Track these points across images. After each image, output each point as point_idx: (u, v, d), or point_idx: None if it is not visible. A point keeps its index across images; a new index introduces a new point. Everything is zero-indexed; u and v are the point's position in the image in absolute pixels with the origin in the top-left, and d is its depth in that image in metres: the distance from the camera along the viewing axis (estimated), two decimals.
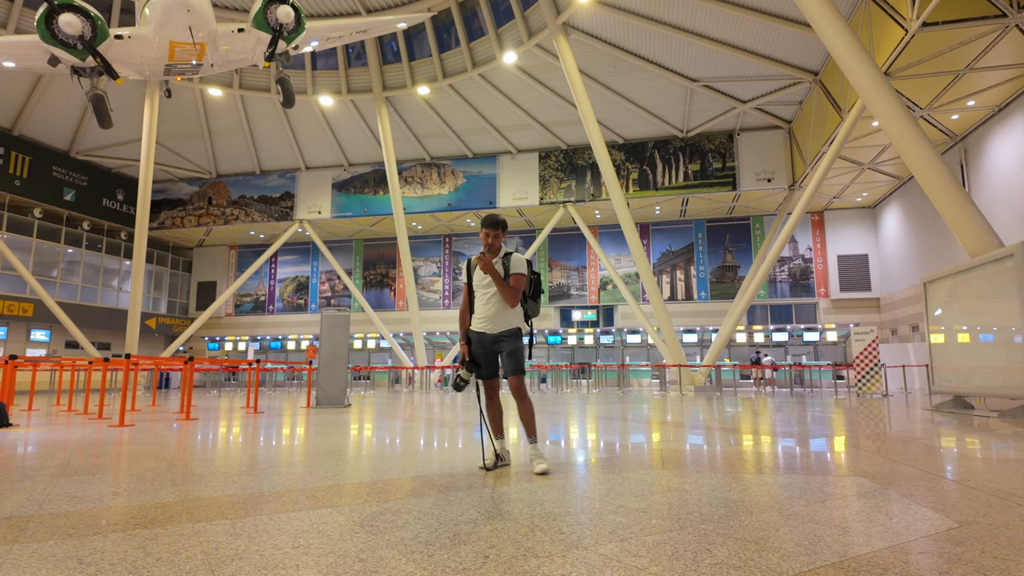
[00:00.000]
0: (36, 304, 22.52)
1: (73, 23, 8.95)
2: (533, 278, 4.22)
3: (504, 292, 4.00)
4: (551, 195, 23.96)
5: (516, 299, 4.02)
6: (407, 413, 10.09)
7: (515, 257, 4.09)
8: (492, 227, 4.08)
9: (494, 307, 4.06)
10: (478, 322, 4.10)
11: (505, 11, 18.78)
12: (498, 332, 4.05)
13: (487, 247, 4.09)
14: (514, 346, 4.06)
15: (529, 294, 4.20)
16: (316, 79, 22.14)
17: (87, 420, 8.68)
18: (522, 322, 4.14)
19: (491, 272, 3.99)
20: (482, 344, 4.09)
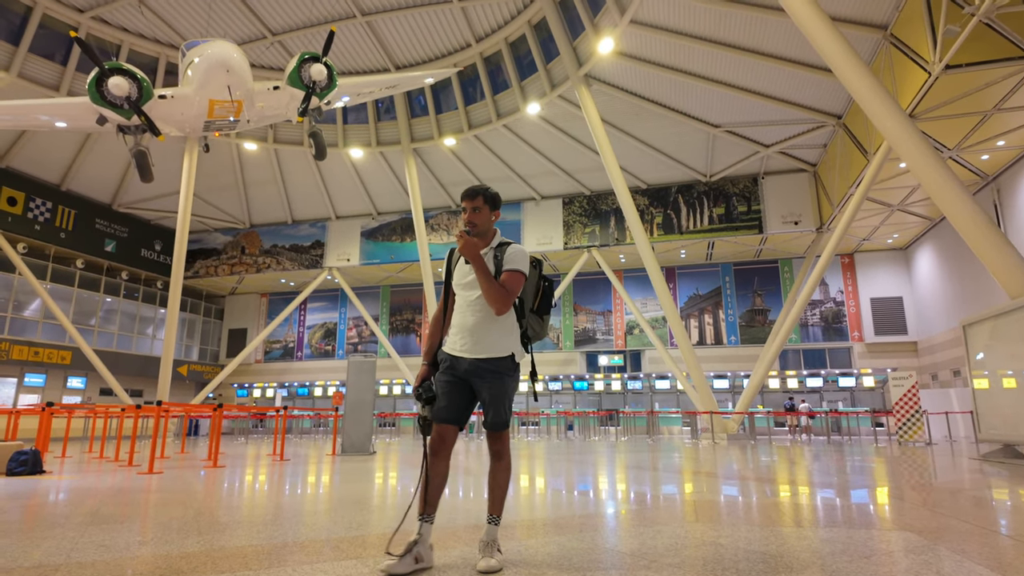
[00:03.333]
0: (74, 352, 23.14)
1: (121, 85, 9.50)
2: (543, 285, 3.01)
3: (489, 290, 2.74)
4: (575, 240, 24.10)
5: (506, 304, 2.75)
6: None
7: (514, 249, 2.90)
8: (470, 197, 2.95)
9: (474, 317, 2.84)
10: (453, 339, 2.88)
11: (528, 65, 19.38)
12: (479, 358, 2.79)
13: (468, 227, 2.93)
14: (500, 387, 2.80)
15: (533, 307, 2.98)
16: (347, 132, 22.96)
17: (118, 467, 8.76)
18: (518, 346, 2.89)
19: (472, 256, 2.75)
20: (454, 373, 2.83)
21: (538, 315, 3.02)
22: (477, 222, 2.93)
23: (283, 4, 17.66)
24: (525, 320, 2.98)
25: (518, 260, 2.86)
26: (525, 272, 2.87)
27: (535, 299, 3.02)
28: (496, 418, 2.83)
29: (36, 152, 21.42)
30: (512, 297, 2.78)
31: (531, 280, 2.98)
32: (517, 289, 2.82)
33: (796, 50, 15.32)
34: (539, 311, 3.02)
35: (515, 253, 2.89)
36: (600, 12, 16.37)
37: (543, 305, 3.03)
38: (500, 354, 2.82)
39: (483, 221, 2.94)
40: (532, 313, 3.01)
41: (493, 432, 2.86)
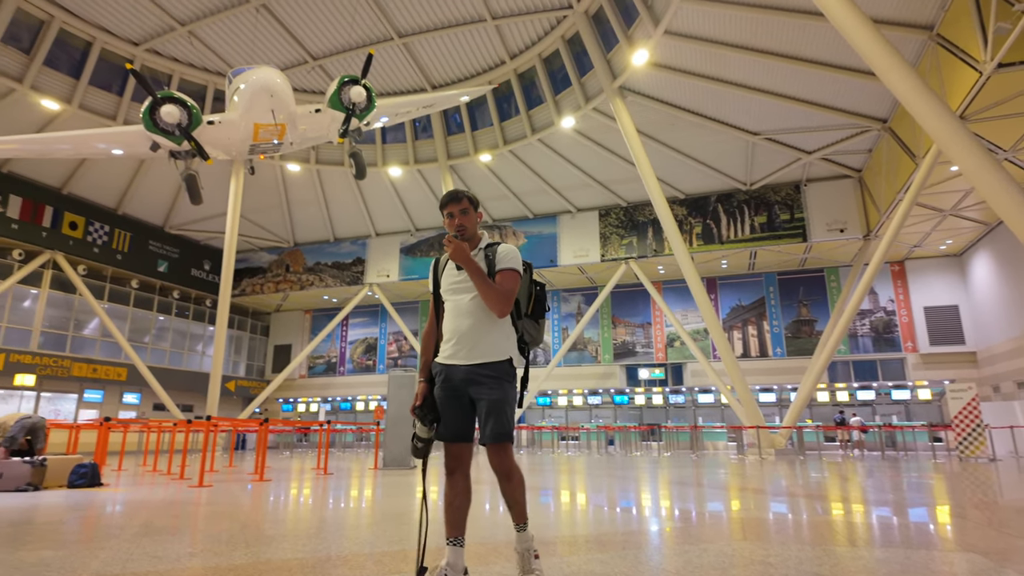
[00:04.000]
0: (129, 368, 24.10)
1: (172, 113, 9.96)
2: (535, 289, 2.90)
3: (487, 292, 2.62)
4: (612, 252, 23.93)
5: (507, 304, 2.63)
6: (471, 475, 9.96)
7: (505, 248, 2.78)
8: (456, 200, 2.81)
9: (468, 320, 2.67)
10: (446, 347, 2.71)
11: (562, 79, 19.48)
12: (475, 364, 2.62)
13: (454, 231, 2.78)
14: (500, 393, 2.60)
15: (527, 310, 2.87)
16: (386, 151, 23.46)
17: (170, 480, 9.05)
18: (515, 351, 2.72)
19: (464, 260, 2.63)
20: (449, 384, 2.65)
21: (533, 319, 2.89)
22: (467, 224, 2.80)
23: (323, 29, 18.25)
24: (521, 324, 2.83)
25: (511, 259, 2.75)
26: (519, 271, 2.75)
27: (528, 303, 2.89)
28: (497, 428, 2.57)
29: (95, 179, 22.57)
30: (512, 296, 2.67)
31: (524, 284, 2.85)
32: (515, 288, 2.69)
33: (837, 54, 14.96)
34: (534, 315, 2.90)
35: (507, 252, 2.78)
36: (634, 24, 16.36)
37: (537, 309, 2.92)
38: (498, 358, 2.64)
39: (471, 223, 2.82)
40: (527, 317, 2.87)
41: (495, 445, 2.59)
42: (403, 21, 17.97)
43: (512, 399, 2.67)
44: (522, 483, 2.67)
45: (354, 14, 17.48)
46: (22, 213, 21.03)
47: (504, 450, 2.61)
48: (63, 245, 22.31)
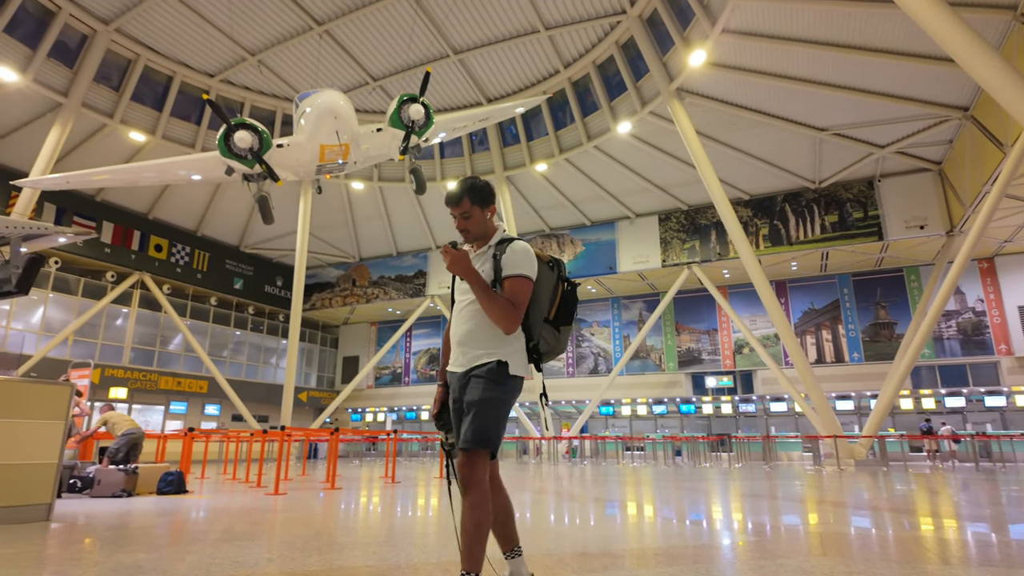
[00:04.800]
0: (210, 381, 25.51)
1: (245, 138, 10.53)
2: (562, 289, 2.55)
3: (490, 306, 2.36)
4: (674, 257, 23.42)
5: (512, 320, 2.37)
6: (535, 486, 9.92)
7: (514, 248, 2.47)
8: (454, 203, 2.57)
9: (466, 324, 2.49)
10: (452, 354, 2.57)
11: (617, 84, 19.32)
12: (468, 369, 2.45)
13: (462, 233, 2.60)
14: (479, 393, 2.36)
15: (549, 314, 2.52)
16: (444, 166, 23.94)
17: (248, 488, 9.49)
18: (517, 357, 2.44)
19: (464, 272, 2.39)
20: (454, 394, 2.52)
21: (554, 326, 2.52)
22: (470, 227, 2.56)
23: (382, 52, 18.87)
24: (537, 331, 2.50)
25: (519, 262, 2.41)
26: (529, 275, 2.42)
27: (552, 306, 2.52)
28: (471, 432, 2.30)
29: (177, 203, 24.13)
30: (519, 310, 2.37)
31: (547, 284, 2.52)
32: (524, 298, 2.39)
33: (910, 42, 14.16)
34: (556, 321, 2.53)
35: (514, 254, 2.43)
36: (690, 25, 16.06)
37: (562, 314, 2.54)
38: (489, 360, 2.39)
39: (476, 225, 2.56)
40: (547, 323, 2.51)
41: (463, 455, 2.32)
42: (458, 38, 18.34)
43: (496, 403, 2.35)
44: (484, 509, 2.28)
45: (411, 35, 17.99)
46: (114, 238, 22.72)
47: (474, 460, 2.31)
48: (150, 266, 23.92)
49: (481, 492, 2.29)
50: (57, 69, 17.08)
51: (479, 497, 2.28)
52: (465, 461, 2.32)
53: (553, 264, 2.58)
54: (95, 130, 18.94)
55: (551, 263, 2.57)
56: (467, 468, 2.32)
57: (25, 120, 18.05)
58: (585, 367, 27.33)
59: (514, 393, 2.44)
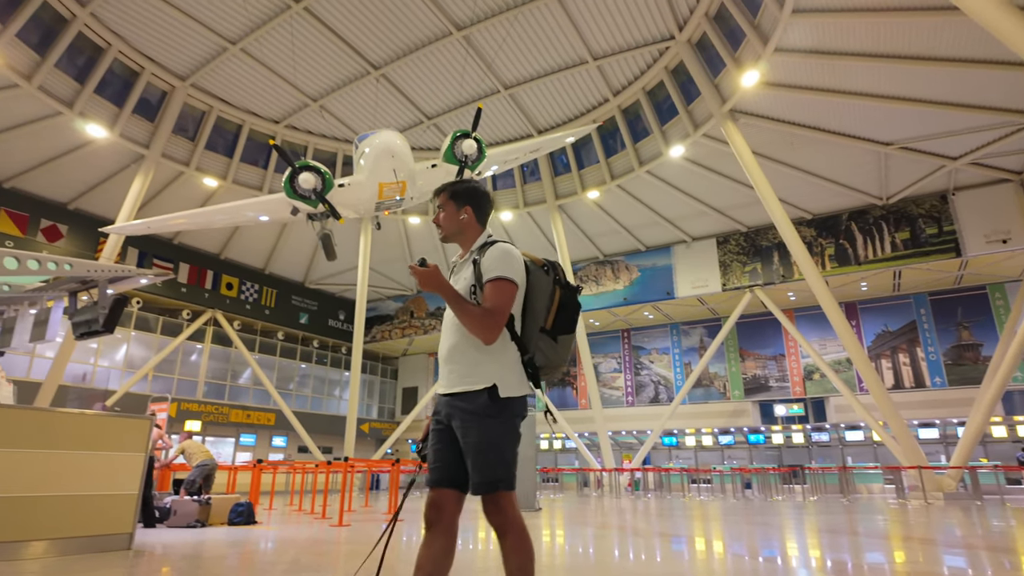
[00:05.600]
0: (277, 414, 26.37)
1: (309, 179, 11.06)
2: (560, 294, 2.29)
3: (464, 317, 2.19)
4: (734, 280, 22.76)
5: (490, 329, 2.17)
6: (597, 520, 9.68)
7: (492, 250, 2.30)
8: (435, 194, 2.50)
9: (450, 340, 2.32)
10: (440, 370, 2.38)
11: (668, 109, 19.23)
12: (451, 393, 2.27)
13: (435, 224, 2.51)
14: (477, 434, 2.17)
15: (546, 323, 2.27)
16: (496, 198, 24.32)
17: (313, 519, 9.67)
18: (507, 376, 2.22)
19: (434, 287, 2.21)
20: (436, 417, 2.35)
21: (551, 335, 2.27)
22: (440, 222, 2.45)
23: (435, 91, 19.53)
24: (532, 343, 2.26)
25: (498, 264, 2.23)
26: (511, 278, 2.21)
27: (548, 313, 2.27)
28: (479, 477, 2.14)
29: (245, 243, 25.43)
30: (497, 316, 2.16)
31: (542, 290, 2.29)
32: (502, 302, 2.18)
33: (977, 48, 13.49)
34: (555, 331, 2.27)
35: (494, 256, 2.25)
36: (741, 46, 15.89)
37: (560, 321, 2.28)
38: (474, 387, 2.19)
39: (446, 220, 2.44)
40: (543, 333, 2.26)
41: (484, 497, 2.16)
42: (508, 74, 18.79)
43: (498, 436, 2.16)
44: (525, 549, 2.12)
45: (463, 73, 18.56)
46: (189, 278, 24.11)
47: (497, 503, 2.15)
48: (221, 304, 25.18)
49: (516, 532, 2.14)
50: (140, 123, 18.51)
51: (515, 540, 2.13)
52: (494, 505, 2.16)
53: (548, 267, 2.35)
54: (173, 178, 20.32)
55: (545, 266, 2.35)
56: (499, 512, 2.15)
57: (112, 171, 19.58)
58: (645, 396, 26.70)
59: (513, 419, 2.22)
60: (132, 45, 17.20)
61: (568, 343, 2.32)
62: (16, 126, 16.84)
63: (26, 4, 14.69)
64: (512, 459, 2.21)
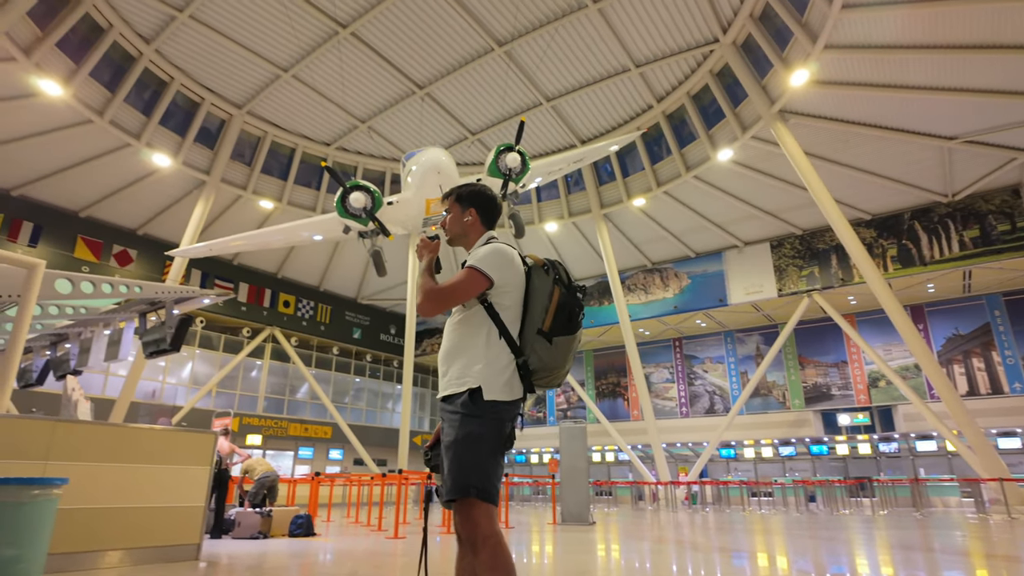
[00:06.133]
0: (334, 427, 27.03)
1: (359, 199, 11.37)
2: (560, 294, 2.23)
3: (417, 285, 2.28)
4: (790, 285, 21.99)
5: (425, 299, 2.23)
6: (654, 534, 9.46)
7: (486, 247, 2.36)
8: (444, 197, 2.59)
9: (447, 344, 2.34)
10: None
11: (714, 113, 18.89)
12: (441, 397, 2.28)
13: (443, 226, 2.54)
14: (453, 433, 2.13)
15: (544, 324, 2.20)
16: (541, 209, 24.38)
17: (369, 531, 9.83)
18: (495, 379, 2.16)
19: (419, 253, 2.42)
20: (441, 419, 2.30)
21: (547, 337, 2.17)
22: (447, 223, 2.50)
23: (479, 107, 19.81)
24: (528, 345, 2.19)
25: (477, 257, 2.26)
26: (481, 269, 2.21)
27: (546, 315, 2.19)
28: (450, 481, 2.05)
29: (301, 262, 26.31)
30: (444, 294, 2.19)
31: (541, 290, 2.24)
32: (459, 287, 2.20)
33: None
34: (551, 332, 2.17)
35: (480, 250, 2.30)
36: (788, 45, 15.48)
37: (557, 322, 2.18)
38: (459, 389, 2.15)
39: (452, 221, 2.50)
40: (540, 335, 2.18)
41: (455, 505, 2.07)
42: (550, 86, 18.88)
43: (472, 440, 2.07)
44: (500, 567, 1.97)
45: (505, 88, 18.77)
46: (248, 297, 25.09)
47: (465, 509, 2.04)
48: (279, 321, 26.08)
49: (490, 548, 1.99)
50: (201, 151, 19.49)
51: (488, 557, 1.98)
52: (459, 516, 2.05)
53: (548, 267, 2.29)
54: (232, 201, 21.26)
55: (546, 266, 2.30)
56: (464, 523, 2.05)
57: (176, 197, 20.66)
58: (700, 407, 26.05)
59: (496, 423, 2.12)
60: (193, 77, 18.18)
61: (566, 346, 2.22)
62: (91, 159, 18.02)
63: (98, 44, 15.74)
64: (490, 466, 2.09)
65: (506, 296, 2.25)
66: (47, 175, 18.35)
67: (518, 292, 2.28)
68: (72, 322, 9.29)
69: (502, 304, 2.24)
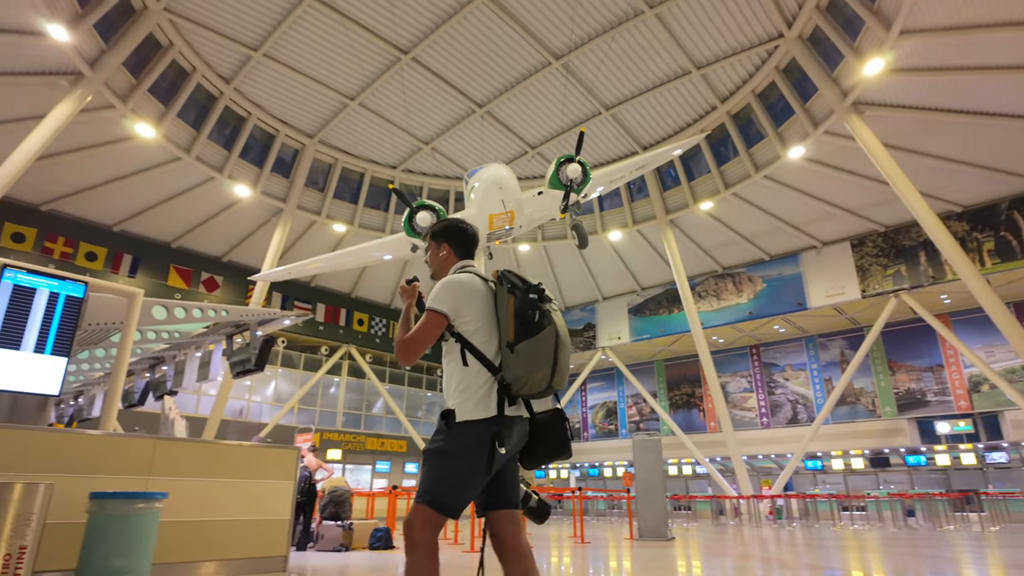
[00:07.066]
0: (408, 441, 27.66)
1: (426, 218, 11.66)
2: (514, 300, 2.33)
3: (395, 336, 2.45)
4: (875, 285, 20.68)
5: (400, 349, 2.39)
6: (737, 550, 9.07)
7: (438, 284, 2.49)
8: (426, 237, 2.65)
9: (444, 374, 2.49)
10: None
11: (782, 109, 18.17)
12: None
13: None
14: (428, 446, 2.32)
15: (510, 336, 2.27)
16: (604, 218, 24.17)
17: (446, 545, 9.95)
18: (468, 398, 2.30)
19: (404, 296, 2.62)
20: None
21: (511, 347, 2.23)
22: (428, 260, 2.68)
23: (537, 121, 19.97)
24: (503, 360, 2.27)
25: (431, 295, 2.39)
26: (435, 308, 2.33)
27: (510, 326, 2.26)
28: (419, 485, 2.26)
29: (372, 282, 27.22)
30: (409, 344, 2.34)
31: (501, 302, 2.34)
32: (420, 334, 2.33)
33: None
34: (517, 340, 2.22)
35: (433, 290, 2.41)
36: (860, 34, 14.71)
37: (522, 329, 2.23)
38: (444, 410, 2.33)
39: (432, 260, 2.67)
40: (507, 347, 2.24)
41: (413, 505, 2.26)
42: (608, 95, 18.79)
43: (436, 455, 2.22)
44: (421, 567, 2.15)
45: (563, 101, 18.83)
46: (326, 317, 26.17)
47: (414, 511, 2.19)
48: (354, 339, 27.02)
49: (413, 554, 2.15)
50: (277, 180, 20.61)
51: (410, 562, 2.16)
52: (408, 517, 2.21)
53: (501, 279, 2.40)
54: (307, 227, 22.31)
55: (499, 279, 2.40)
56: (409, 522, 2.20)
57: (257, 225, 21.90)
58: (782, 416, 24.88)
59: (465, 441, 2.22)
60: (268, 111, 19.31)
61: (530, 351, 2.23)
62: (180, 193, 19.43)
63: (184, 87, 17.02)
64: (455, 481, 2.20)
65: (468, 322, 2.36)
66: (143, 210, 19.91)
67: (480, 314, 2.37)
68: (167, 345, 9.99)
69: (467, 330, 2.36)
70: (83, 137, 16.07)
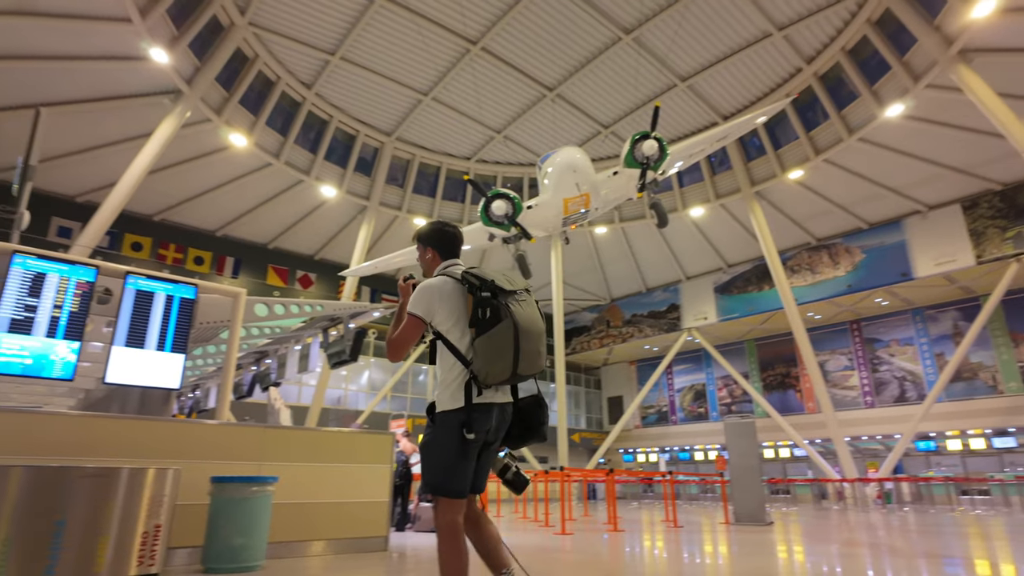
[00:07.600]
0: None
1: (501, 206, 11.77)
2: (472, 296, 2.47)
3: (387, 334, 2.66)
4: (992, 250, 18.78)
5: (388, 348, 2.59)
6: (842, 536, 8.63)
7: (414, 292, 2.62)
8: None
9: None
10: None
11: (877, 65, 16.77)
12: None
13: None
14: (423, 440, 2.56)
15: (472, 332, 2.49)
16: (684, 194, 23.37)
17: (537, 527, 10.11)
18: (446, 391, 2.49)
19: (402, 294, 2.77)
20: None
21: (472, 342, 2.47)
22: (419, 263, 2.82)
23: (609, 100, 19.56)
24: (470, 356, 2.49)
25: (410, 301, 2.57)
26: (412, 312, 2.53)
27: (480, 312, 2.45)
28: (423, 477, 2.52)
29: None
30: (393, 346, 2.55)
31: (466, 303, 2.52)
32: (402, 336, 2.54)
33: None
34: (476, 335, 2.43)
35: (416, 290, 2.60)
36: None
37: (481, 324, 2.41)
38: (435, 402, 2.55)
39: (421, 263, 2.82)
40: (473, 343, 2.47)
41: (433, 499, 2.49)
42: (684, 65, 18.10)
43: (431, 445, 2.48)
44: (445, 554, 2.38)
45: (636, 75, 18.33)
46: None
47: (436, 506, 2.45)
48: None
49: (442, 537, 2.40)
50: (360, 179, 21.45)
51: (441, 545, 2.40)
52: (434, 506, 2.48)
53: (462, 279, 2.55)
54: (390, 222, 23.10)
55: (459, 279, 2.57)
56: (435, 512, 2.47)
57: (344, 223, 22.93)
58: (888, 395, 23.29)
59: (448, 429, 2.42)
60: (348, 113, 20.09)
61: (485, 346, 2.40)
62: (272, 197, 20.67)
63: (270, 96, 18.02)
64: (449, 466, 2.43)
65: (442, 322, 2.54)
66: (241, 215, 21.34)
67: (452, 313, 2.53)
68: (270, 340, 10.71)
69: (442, 329, 2.54)
70: (185, 150, 17.40)
